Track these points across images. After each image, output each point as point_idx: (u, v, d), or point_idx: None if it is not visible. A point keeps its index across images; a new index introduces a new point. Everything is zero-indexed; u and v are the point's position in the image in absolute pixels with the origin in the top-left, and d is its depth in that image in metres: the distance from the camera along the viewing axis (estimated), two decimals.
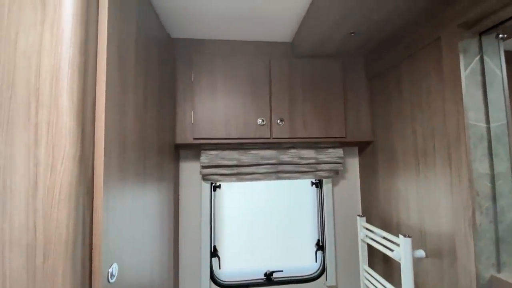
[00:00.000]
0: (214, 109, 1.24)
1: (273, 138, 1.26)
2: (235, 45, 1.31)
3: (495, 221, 0.76)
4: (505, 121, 0.79)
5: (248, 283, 1.38)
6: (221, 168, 1.30)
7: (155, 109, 0.93)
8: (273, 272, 1.41)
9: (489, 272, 0.75)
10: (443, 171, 0.89)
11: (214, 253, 1.39)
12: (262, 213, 1.47)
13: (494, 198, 0.77)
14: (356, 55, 1.34)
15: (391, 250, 1.03)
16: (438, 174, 0.92)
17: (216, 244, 1.41)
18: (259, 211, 1.47)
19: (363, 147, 1.46)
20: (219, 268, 1.39)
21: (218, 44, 1.30)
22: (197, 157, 1.42)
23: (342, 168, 1.37)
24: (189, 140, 1.23)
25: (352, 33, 1.10)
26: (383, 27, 1.06)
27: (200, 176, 1.41)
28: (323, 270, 1.43)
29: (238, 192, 1.47)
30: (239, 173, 1.31)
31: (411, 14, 0.97)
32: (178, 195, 1.37)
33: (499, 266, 0.76)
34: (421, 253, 0.99)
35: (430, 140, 0.95)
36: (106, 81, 0.57)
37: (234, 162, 1.30)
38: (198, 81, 1.24)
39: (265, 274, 1.42)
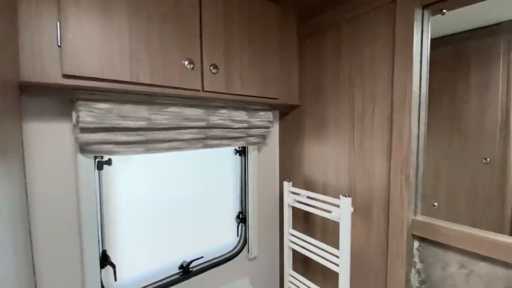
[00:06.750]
0: (107, 26, 0.70)
1: (205, 91, 0.91)
2: None
3: (416, 174, 0.91)
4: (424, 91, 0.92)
5: (159, 285, 1.04)
6: (118, 133, 0.81)
7: None
8: (191, 261, 1.13)
9: (411, 216, 0.91)
10: (381, 133, 0.96)
11: (104, 261, 0.91)
12: (170, 192, 1.10)
13: (417, 155, 0.91)
14: (291, 5, 1.18)
15: (328, 211, 1.05)
16: (375, 136, 0.98)
17: (106, 249, 0.93)
18: (165, 190, 1.09)
19: (285, 112, 1.39)
20: (115, 279, 0.93)
21: None
22: (65, 111, 0.80)
23: (269, 133, 1.25)
24: (53, 76, 0.65)
25: None
26: None
27: (73, 146, 0.82)
28: (244, 243, 1.32)
29: (136, 168, 1.01)
30: (148, 140, 0.87)
31: None
32: (25, 181, 0.74)
33: (415, 211, 0.92)
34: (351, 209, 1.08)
35: (369, 104, 0.99)
36: None
37: (143, 124, 0.84)
38: None
39: (181, 267, 1.12)
